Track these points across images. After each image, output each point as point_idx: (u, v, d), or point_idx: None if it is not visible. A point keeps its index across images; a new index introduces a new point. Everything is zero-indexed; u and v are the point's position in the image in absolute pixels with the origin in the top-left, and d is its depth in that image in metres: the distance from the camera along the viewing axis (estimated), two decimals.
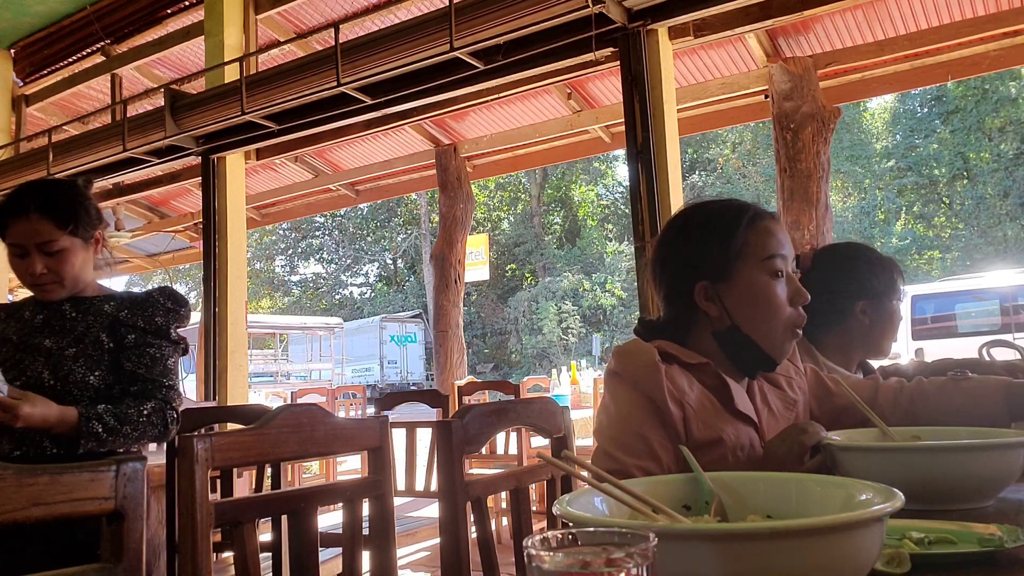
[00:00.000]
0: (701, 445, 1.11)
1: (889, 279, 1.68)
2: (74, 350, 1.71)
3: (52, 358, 1.70)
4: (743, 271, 1.19)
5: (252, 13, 5.55)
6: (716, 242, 1.21)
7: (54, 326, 1.74)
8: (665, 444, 1.11)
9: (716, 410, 1.16)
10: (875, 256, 1.71)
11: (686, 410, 1.13)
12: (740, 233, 1.20)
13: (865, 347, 1.69)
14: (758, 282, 1.19)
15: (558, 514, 0.65)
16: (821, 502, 0.71)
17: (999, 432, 1.05)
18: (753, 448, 1.17)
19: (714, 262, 1.20)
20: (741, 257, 1.19)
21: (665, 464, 1.10)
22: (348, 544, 1.29)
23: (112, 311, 1.78)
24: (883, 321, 1.67)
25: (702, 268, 1.21)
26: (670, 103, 3.66)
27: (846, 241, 1.89)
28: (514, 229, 28.56)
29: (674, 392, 1.13)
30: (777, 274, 1.19)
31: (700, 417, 1.14)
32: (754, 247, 1.20)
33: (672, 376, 1.15)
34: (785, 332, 1.20)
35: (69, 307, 1.77)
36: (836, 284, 1.65)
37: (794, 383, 1.32)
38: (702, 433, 1.13)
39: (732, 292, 1.20)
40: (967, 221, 21.78)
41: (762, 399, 1.25)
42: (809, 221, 4.70)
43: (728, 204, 1.28)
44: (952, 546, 0.75)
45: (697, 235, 1.24)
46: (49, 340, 1.72)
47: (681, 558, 0.56)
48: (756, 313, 1.19)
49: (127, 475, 0.77)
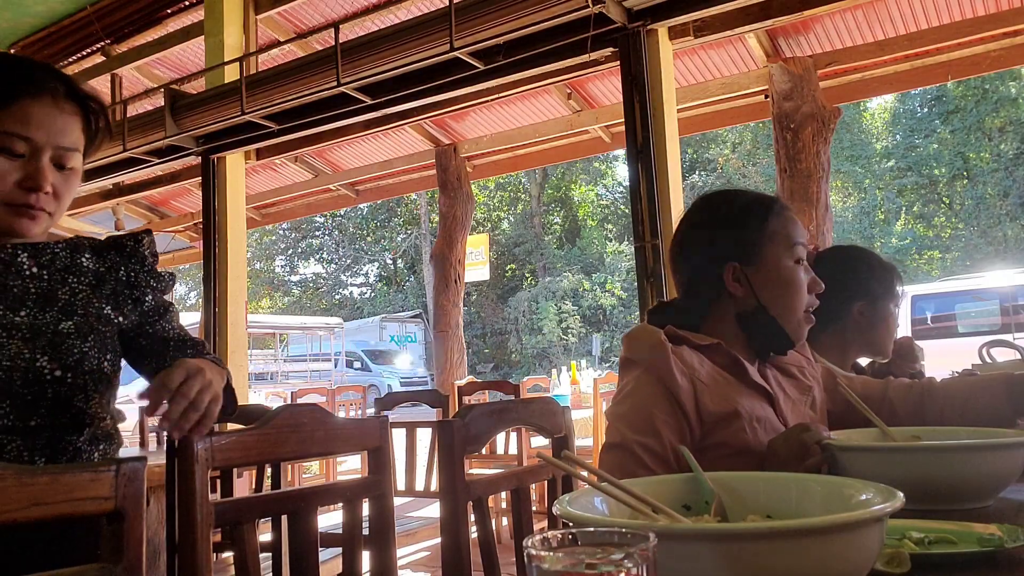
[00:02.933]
0: (717, 418, 1.14)
1: (888, 282, 1.71)
2: (71, 323, 1.17)
3: (43, 337, 1.14)
4: (772, 255, 1.26)
5: (252, 13, 5.56)
6: (750, 225, 1.27)
7: (11, 288, 1.16)
8: (669, 420, 1.13)
9: (730, 383, 1.19)
10: (875, 259, 1.75)
11: (696, 385, 1.16)
12: (771, 219, 1.27)
13: (861, 347, 1.72)
14: (786, 266, 1.26)
15: (558, 514, 0.65)
16: (821, 502, 0.71)
17: (999, 432, 1.05)
18: (770, 422, 1.19)
19: (746, 244, 1.27)
20: (772, 241, 1.26)
21: (665, 439, 1.12)
22: (348, 544, 1.29)
23: (94, 266, 1.26)
24: (880, 323, 1.70)
25: (734, 250, 1.27)
26: (670, 103, 3.66)
27: (848, 244, 1.92)
28: (514, 229, 28.55)
29: (683, 368, 1.16)
30: (799, 260, 1.27)
31: (713, 390, 1.17)
32: (782, 233, 1.27)
33: (681, 355, 1.18)
34: (804, 315, 1.26)
35: (26, 257, 1.19)
36: (836, 285, 1.67)
37: (806, 371, 1.35)
38: (717, 405, 1.15)
39: (760, 274, 1.25)
40: (967, 221, 21.77)
41: (776, 384, 1.28)
42: (809, 221, 4.70)
43: (755, 193, 1.34)
44: (952, 546, 0.75)
45: (730, 219, 1.30)
46: (24, 311, 1.15)
47: (681, 558, 0.56)
48: (782, 295, 1.25)
49: (127, 475, 0.77)
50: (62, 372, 1.14)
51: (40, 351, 1.13)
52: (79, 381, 1.16)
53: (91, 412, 1.19)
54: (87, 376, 1.17)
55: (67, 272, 1.23)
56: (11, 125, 1.13)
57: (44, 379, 1.12)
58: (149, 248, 1.34)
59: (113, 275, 1.27)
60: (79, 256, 1.25)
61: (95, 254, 1.27)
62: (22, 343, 1.12)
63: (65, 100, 1.18)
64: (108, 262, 1.28)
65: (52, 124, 1.16)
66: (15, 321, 1.13)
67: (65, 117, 1.18)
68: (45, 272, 1.20)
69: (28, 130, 1.14)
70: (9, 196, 1.14)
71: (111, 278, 1.26)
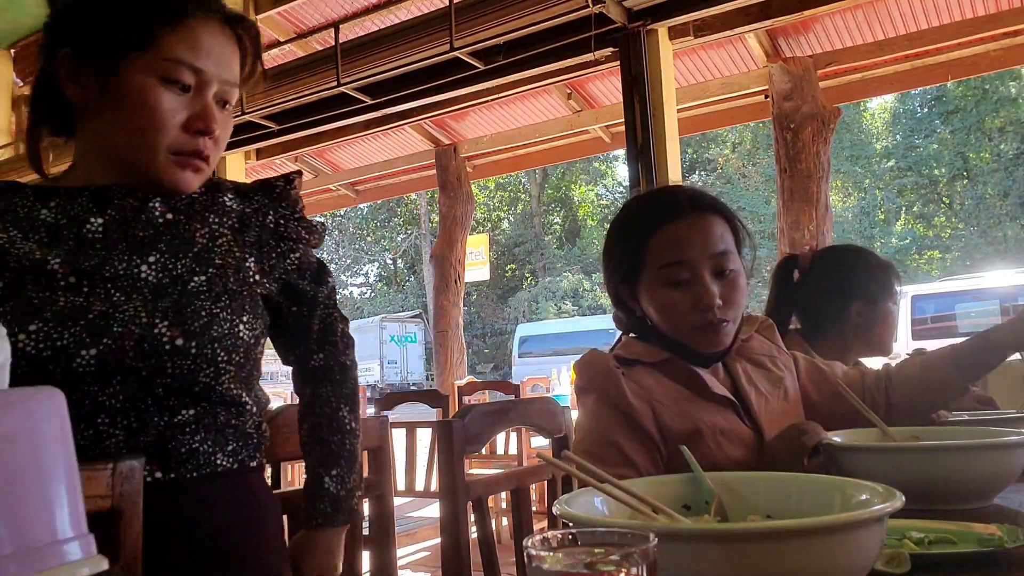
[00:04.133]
0: (681, 438, 1.10)
1: (886, 282, 1.71)
2: (203, 278, 0.94)
3: (166, 297, 0.91)
4: (645, 279, 1.19)
5: (252, 13, 5.55)
6: (625, 248, 1.22)
7: (139, 237, 0.93)
8: (638, 447, 1.12)
9: (689, 398, 1.17)
10: (873, 259, 1.74)
11: (655, 406, 1.14)
12: (642, 242, 1.19)
13: (860, 347, 1.71)
14: (658, 292, 1.18)
15: (558, 514, 0.65)
16: (821, 502, 0.70)
17: (999, 432, 1.05)
18: (734, 432, 1.17)
19: (624, 266, 1.22)
20: (643, 265, 1.19)
21: (642, 468, 1.10)
22: (348, 544, 1.29)
23: (238, 207, 1.03)
24: (878, 323, 1.70)
25: (617, 271, 1.23)
26: (670, 103, 3.67)
27: (845, 244, 1.91)
28: (514, 229, 28.56)
29: (638, 390, 1.14)
30: (676, 283, 1.16)
31: (672, 409, 1.14)
32: (653, 256, 1.18)
33: (636, 377, 1.16)
34: (694, 332, 1.17)
35: (158, 203, 0.96)
36: (833, 285, 1.68)
37: (778, 361, 1.33)
38: (678, 424, 1.13)
39: (643, 297, 1.21)
40: (967, 221, 21.77)
41: (747, 380, 1.25)
42: (809, 221, 4.70)
43: (641, 204, 1.29)
44: (952, 546, 0.75)
45: (613, 239, 1.26)
46: (152, 257, 0.92)
47: (681, 558, 0.56)
48: (662, 319, 1.19)
49: (124, 473, 0.77)
50: (184, 340, 0.90)
51: (160, 314, 0.89)
52: (205, 351, 0.91)
53: (221, 391, 0.94)
54: (215, 344, 0.92)
55: (207, 211, 1.00)
56: (181, 50, 0.91)
57: (163, 349, 0.89)
58: (298, 191, 1.10)
59: (259, 219, 1.03)
60: (220, 195, 1.03)
61: (239, 195, 1.04)
62: (141, 304, 0.89)
63: (226, 24, 0.97)
64: (254, 203, 1.04)
65: (221, 53, 0.94)
66: (138, 274, 0.91)
67: (231, 45, 0.97)
68: (182, 216, 0.97)
69: (198, 58, 0.92)
70: (176, 141, 0.92)
71: (255, 222, 1.02)
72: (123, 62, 0.90)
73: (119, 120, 0.92)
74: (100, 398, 0.87)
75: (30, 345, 0.84)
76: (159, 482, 0.89)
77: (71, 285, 0.88)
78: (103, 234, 0.92)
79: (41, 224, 0.91)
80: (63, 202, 0.93)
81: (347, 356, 1.12)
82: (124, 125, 0.92)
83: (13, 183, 0.95)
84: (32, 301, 0.86)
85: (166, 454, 0.90)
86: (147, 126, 0.90)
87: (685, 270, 1.16)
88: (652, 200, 1.30)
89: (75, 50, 0.92)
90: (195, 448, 0.92)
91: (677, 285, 1.16)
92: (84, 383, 0.86)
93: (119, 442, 0.88)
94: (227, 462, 0.95)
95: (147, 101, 0.90)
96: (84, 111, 0.95)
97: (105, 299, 0.88)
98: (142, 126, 0.91)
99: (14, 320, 0.84)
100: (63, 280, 0.88)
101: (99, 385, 0.87)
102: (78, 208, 0.93)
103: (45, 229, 0.91)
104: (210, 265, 0.95)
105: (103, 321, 0.87)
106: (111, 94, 0.91)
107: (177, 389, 0.91)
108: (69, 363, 0.85)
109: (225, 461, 0.95)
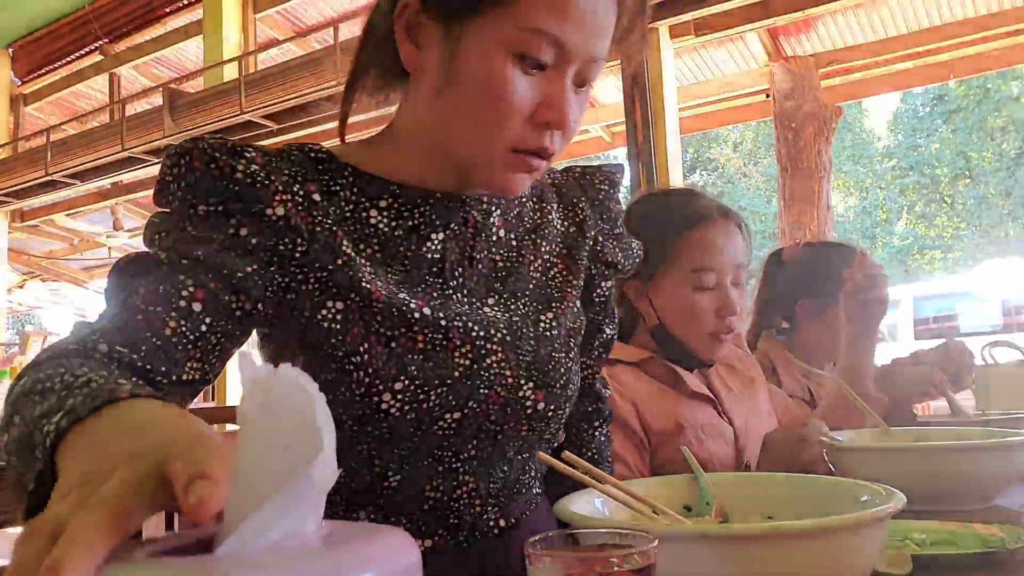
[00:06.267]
0: (663, 436, 1.13)
1: (841, 287, 1.72)
2: (551, 319, 0.79)
3: (520, 346, 0.76)
4: (668, 278, 1.20)
5: (251, 12, 5.56)
6: (649, 244, 1.20)
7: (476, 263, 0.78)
8: (627, 445, 1.12)
9: (669, 396, 1.18)
10: (849, 260, 1.75)
11: (638, 404, 1.15)
12: (669, 241, 1.20)
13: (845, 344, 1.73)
14: (682, 293, 1.19)
15: (558, 514, 0.65)
16: (823, 503, 0.70)
17: (999, 432, 1.05)
18: (714, 426, 1.18)
19: (643, 265, 1.22)
20: (669, 265, 1.20)
21: (633, 465, 1.11)
22: None
23: (562, 226, 0.86)
24: (818, 325, 1.71)
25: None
26: (671, 102, 3.66)
27: (837, 240, 1.92)
28: None
29: (619, 388, 1.15)
30: (705, 288, 1.18)
31: (653, 407, 1.15)
32: (682, 257, 1.20)
33: (618, 376, 1.17)
34: (709, 338, 1.20)
35: (497, 216, 0.81)
36: (819, 281, 1.69)
37: (746, 361, 1.35)
38: (660, 422, 1.14)
39: (660, 296, 1.21)
40: (969, 221, 21.77)
41: (720, 381, 1.28)
42: (810, 221, 4.70)
43: (667, 203, 1.29)
44: (954, 547, 0.75)
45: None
46: (491, 298, 0.78)
47: (682, 559, 0.56)
48: (679, 320, 1.20)
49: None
50: (545, 404, 0.75)
51: (524, 374, 0.74)
52: (560, 412, 0.78)
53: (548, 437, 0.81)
54: (568, 404, 0.79)
55: (538, 230, 0.82)
56: (544, 16, 0.66)
57: (524, 413, 0.75)
58: (619, 200, 0.92)
59: (583, 235, 0.85)
60: (546, 204, 0.84)
61: (562, 202, 0.86)
62: (503, 358, 0.73)
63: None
64: (580, 213, 0.86)
65: (594, 19, 0.68)
66: (486, 314, 0.74)
67: (609, 6, 0.70)
68: (512, 234, 0.80)
69: (564, 28, 0.66)
70: (518, 136, 0.69)
71: (581, 242, 0.85)
72: (472, 25, 0.67)
73: (454, 101, 0.70)
74: (457, 450, 0.74)
75: (395, 407, 0.68)
76: (503, 530, 0.78)
77: (426, 320, 0.70)
78: (441, 255, 0.74)
79: (373, 232, 0.72)
80: (394, 201, 0.73)
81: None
82: (458, 108, 0.70)
83: (328, 153, 0.76)
84: (391, 346, 0.69)
85: (510, 499, 0.80)
86: (489, 114, 0.68)
87: (714, 276, 1.18)
88: (683, 201, 1.28)
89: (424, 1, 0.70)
90: (530, 489, 0.83)
91: (703, 289, 1.18)
92: (440, 441, 0.72)
93: (470, 490, 0.76)
94: (538, 490, 0.86)
95: (494, 82, 0.67)
96: (414, 81, 0.74)
97: (463, 346, 0.71)
98: (483, 113, 0.69)
99: (375, 372, 0.68)
100: (417, 312, 0.70)
101: (458, 442, 0.73)
102: (419, 218, 0.74)
103: (378, 240, 0.72)
104: (551, 300, 0.80)
105: (468, 380, 0.71)
106: (450, 65, 0.69)
107: (522, 446, 0.79)
108: (431, 426, 0.70)
109: (538, 490, 0.85)
